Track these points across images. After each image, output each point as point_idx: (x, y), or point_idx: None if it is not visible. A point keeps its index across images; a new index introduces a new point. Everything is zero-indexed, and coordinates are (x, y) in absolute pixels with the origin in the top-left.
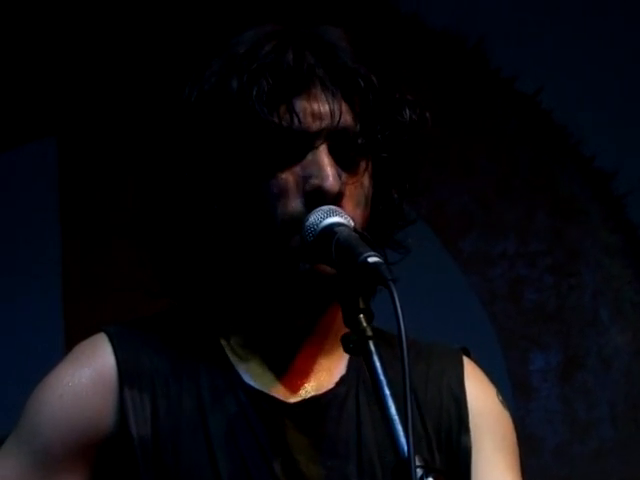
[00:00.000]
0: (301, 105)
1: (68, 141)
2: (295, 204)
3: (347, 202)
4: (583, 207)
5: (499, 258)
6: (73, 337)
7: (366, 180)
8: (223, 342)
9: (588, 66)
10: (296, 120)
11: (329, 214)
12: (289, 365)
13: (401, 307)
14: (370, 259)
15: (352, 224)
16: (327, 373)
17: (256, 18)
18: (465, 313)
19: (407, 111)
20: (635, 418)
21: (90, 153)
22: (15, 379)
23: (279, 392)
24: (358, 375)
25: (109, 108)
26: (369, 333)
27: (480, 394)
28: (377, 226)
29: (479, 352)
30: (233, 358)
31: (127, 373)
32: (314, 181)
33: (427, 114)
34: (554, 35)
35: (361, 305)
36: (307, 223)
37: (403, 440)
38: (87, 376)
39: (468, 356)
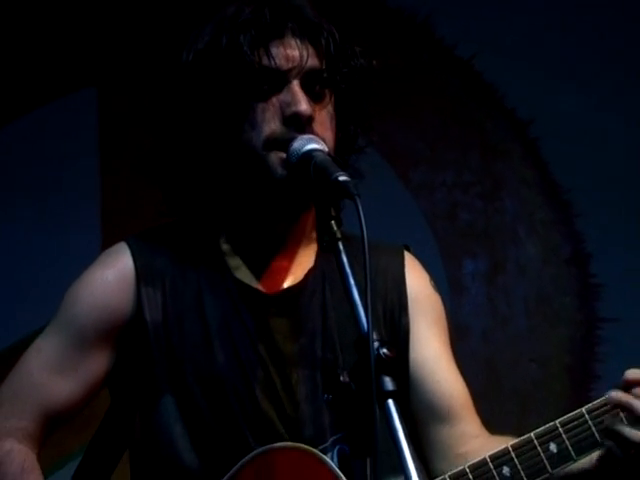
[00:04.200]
0: (277, 50)
1: (107, 91)
2: (276, 125)
3: (317, 125)
4: (506, 148)
5: (440, 186)
6: None
7: (330, 108)
8: (218, 246)
9: (511, 37)
10: (273, 62)
11: (309, 141)
12: (269, 264)
13: (365, 218)
14: (341, 177)
15: (327, 149)
16: (299, 269)
17: None
18: (413, 229)
19: (359, 57)
20: (543, 311)
21: (126, 102)
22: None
23: (262, 285)
24: (324, 270)
25: (139, 65)
26: (338, 235)
27: (416, 281)
28: (339, 151)
29: (424, 259)
30: (226, 260)
31: (143, 273)
32: (291, 108)
33: (374, 61)
34: (485, 12)
35: (332, 213)
36: (292, 148)
37: (364, 319)
38: (112, 275)
39: (409, 251)
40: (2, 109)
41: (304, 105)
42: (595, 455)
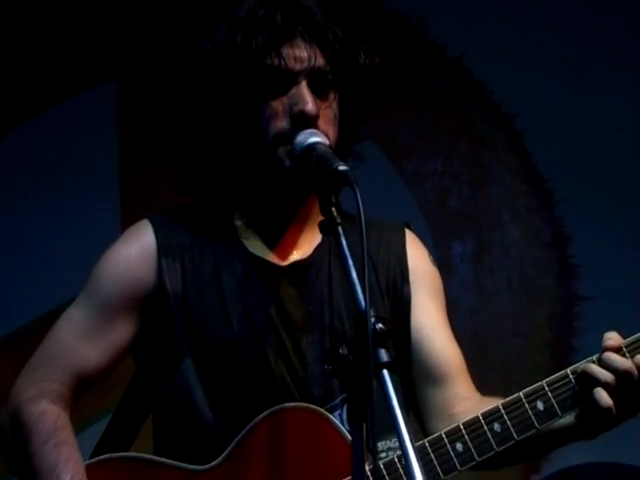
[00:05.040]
0: (287, 52)
1: (127, 86)
2: (283, 123)
3: (322, 121)
4: (492, 139)
5: (431, 174)
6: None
7: (334, 105)
8: (234, 223)
9: (498, 38)
10: (283, 63)
11: (312, 135)
12: (280, 239)
13: (362, 204)
14: (340, 167)
15: (328, 142)
16: (307, 244)
17: None
18: (407, 213)
19: (362, 56)
20: (526, 290)
21: (145, 96)
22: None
23: (273, 258)
24: (330, 246)
25: (158, 61)
26: (338, 221)
27: (417, 256)
28: (342, 140)
29: None
30: (240, 235)
31: (164, 247)
32: (298, 107)
33: (376, 59)
34: (474, 16)
35: (333, 200)
36: (296, 141)
37: (361, 298)
38: (135, 250)
39: (409, 228)
40: (29, 102)
41: (310, 105)
42: (575, 413)
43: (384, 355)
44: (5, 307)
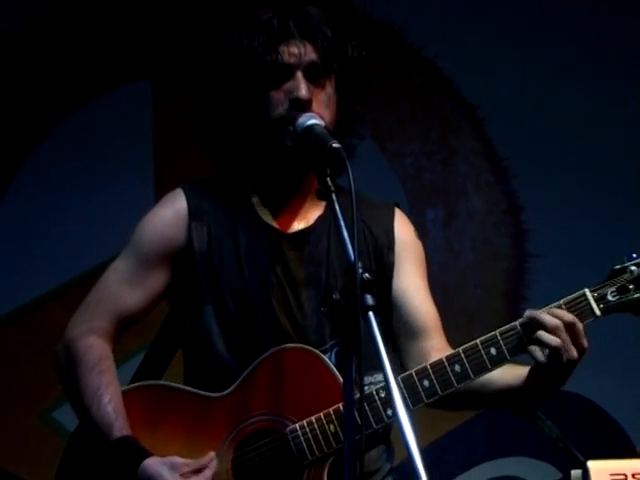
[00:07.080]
0: (283, 49)
1: (159, 83)
2: (284, 108)
3: (316, 105)
4: (460, 125)
5: (410, 154)
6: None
7: (330, 91)
8: (250, 195)
9: (465, 43)
10: (280, 58)
11: (310, 118)
12: (287, 210)
13: (353, 178)
14: (334, 145)
15: (324, 124)
16: (310, 215)
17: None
18: (389, 186)
19: (350, 50)
20: (486, 249)
21: (174, 90)
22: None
23: (281, 226)
24: (330, 217)
25: (185, 62)
26: (333, 189)
27: (404, 230)
28: (341, 124)
29: None
30: (254, 204)
31: (194, 212)
32: (294, 94)
33: (364, 53)
34: (445, 25)
35: (328, 172)
36: (297, 123)
37: (351, 252)
38: (170, 214)
39: (398, 207)
40: (75, 95)
41: (303, 91)
42: (526, 370)
43: (370, 300)
44: (61, 262)
